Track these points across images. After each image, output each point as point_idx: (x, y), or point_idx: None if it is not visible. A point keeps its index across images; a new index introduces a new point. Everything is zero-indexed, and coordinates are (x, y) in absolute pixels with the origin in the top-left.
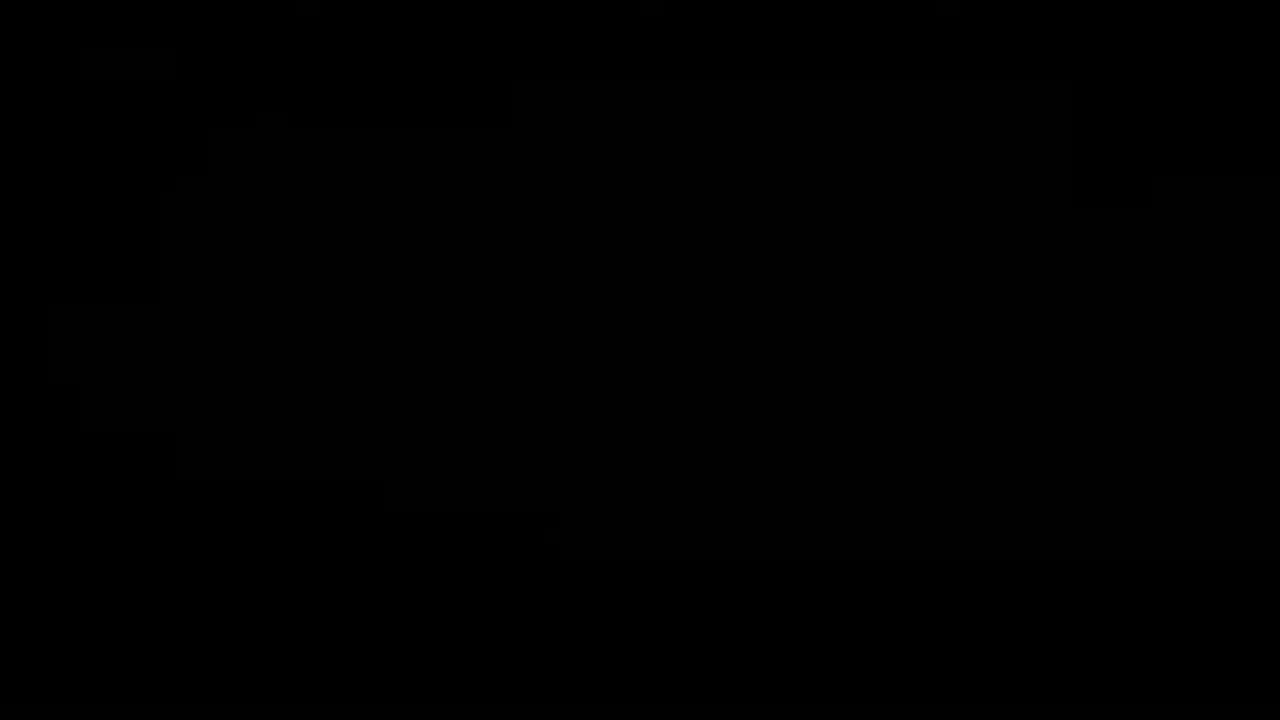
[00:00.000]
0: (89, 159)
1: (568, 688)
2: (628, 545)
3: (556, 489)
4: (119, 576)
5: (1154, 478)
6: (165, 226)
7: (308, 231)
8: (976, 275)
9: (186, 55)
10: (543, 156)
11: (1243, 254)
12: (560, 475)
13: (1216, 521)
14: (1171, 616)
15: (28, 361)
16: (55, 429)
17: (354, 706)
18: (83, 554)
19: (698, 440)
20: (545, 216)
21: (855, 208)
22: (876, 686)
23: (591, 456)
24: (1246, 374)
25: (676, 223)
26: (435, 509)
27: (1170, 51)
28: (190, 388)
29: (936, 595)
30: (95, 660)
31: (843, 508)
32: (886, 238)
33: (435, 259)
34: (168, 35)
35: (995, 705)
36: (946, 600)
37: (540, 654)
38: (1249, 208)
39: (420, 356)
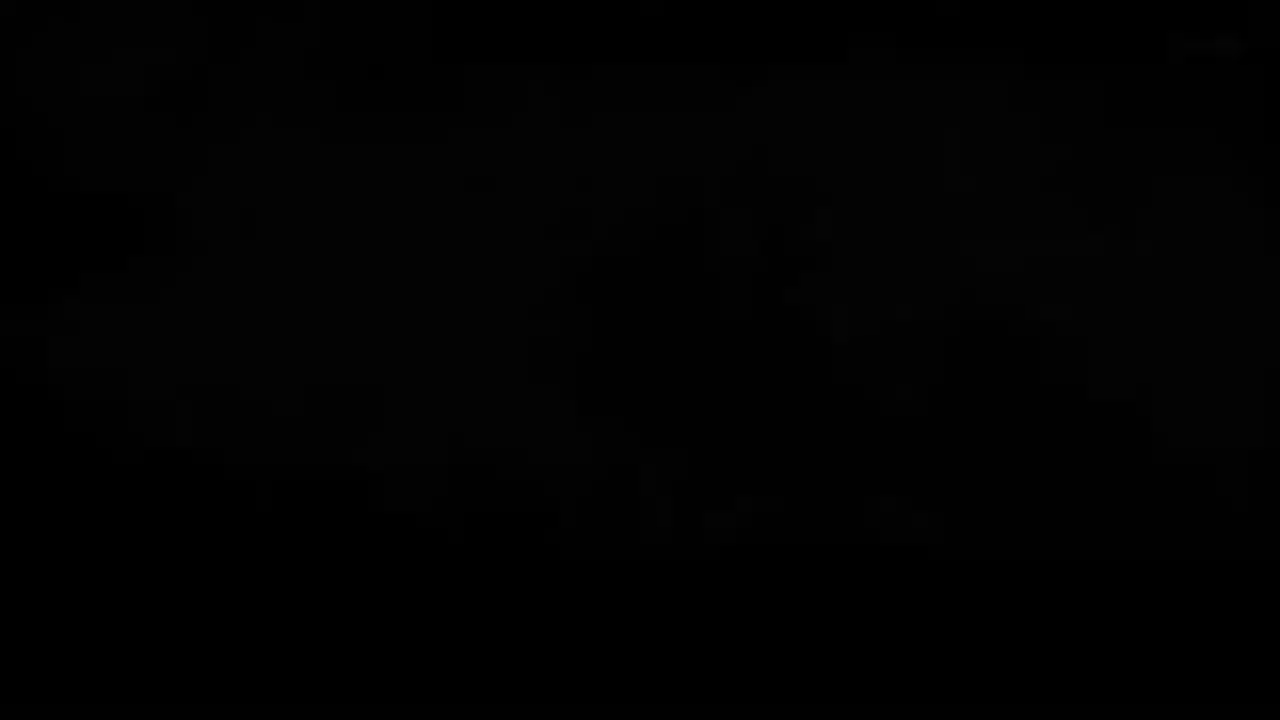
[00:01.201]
0: (89, 159)
1: (568, 688)
2: (628, 545)
3: (557, 489)
4: (118, 576)
5: (1153, 477)
6: (166, 226)
7: (307, 231)
8: (976, 275)
9: (186, 55)
10: (542, 156)
11: (1242, 254)
12: (561, 474)
13: (1218, 521)
14: (1171, 616)
15: (28, 361)
16: (55, 429)
17: (354, 706)
18: (82, 554)
19: (698, 440)
20: (545, 216)
21: (855, 207)
22: (877, 686)
23: (591, 456)
24: (1246, 374)
25: (676, 222)
26: (435, 509)
27: (1169, 51)
28: (190, 387)
29: (938, 595)
30: (95, 660)
31: (843, 508)
32: (886, 237)
33: (435, 259)
34: (167, 35)
35: (995, 705)
36: (947, 600)
37: (540, 654)
38: (1248, 208)
39: (420, 356)
